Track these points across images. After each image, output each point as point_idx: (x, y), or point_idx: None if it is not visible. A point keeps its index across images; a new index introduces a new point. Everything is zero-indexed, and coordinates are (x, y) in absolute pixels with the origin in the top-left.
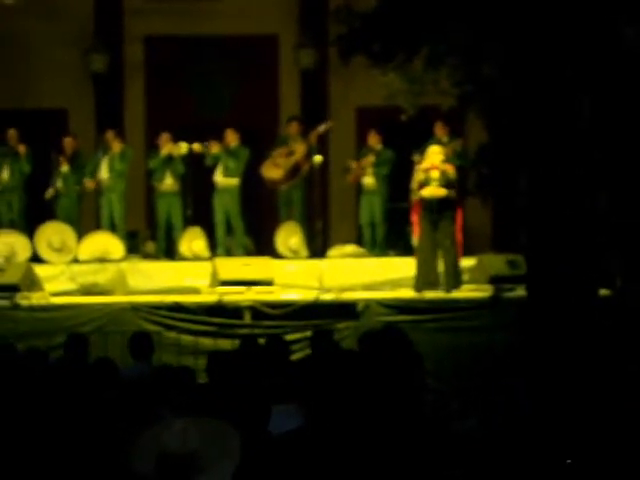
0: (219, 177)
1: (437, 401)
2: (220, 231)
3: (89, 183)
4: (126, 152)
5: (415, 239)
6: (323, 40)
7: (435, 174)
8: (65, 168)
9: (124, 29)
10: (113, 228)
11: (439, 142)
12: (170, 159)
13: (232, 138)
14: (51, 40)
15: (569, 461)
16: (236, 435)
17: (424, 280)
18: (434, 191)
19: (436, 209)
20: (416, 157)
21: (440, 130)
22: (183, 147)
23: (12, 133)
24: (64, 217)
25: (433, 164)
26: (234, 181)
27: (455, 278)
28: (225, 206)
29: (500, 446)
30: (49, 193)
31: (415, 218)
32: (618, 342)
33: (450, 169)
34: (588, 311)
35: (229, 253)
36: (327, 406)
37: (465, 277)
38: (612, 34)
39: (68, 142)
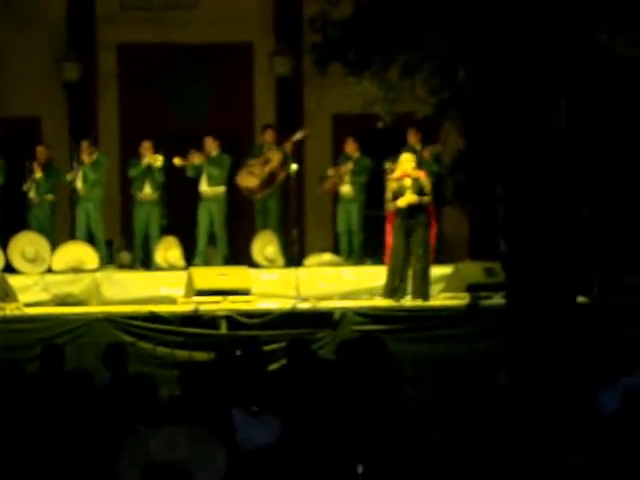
0: (204, 187)
1: (416, 411)
2: (202, 241)
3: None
4: (99, 161)
5: (388, 249)
6: (298, 48)
7: (408, 182)
8: (39, 174)
9: (97, 37)
10: (89, 237)
11: (412, 149)
12: (150, 169)
13: (212, 146)
14: (24, 49)
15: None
16: (221, 445)
17: (392, 287)
18: (409, 199)
19: (409, 215)
20: (388, 165)
21: (413, 137)
22: (159, 160)
23: None
24: (38, 227)
25: (405, 172)
26: (220, 189)
27: (422, 288)
28: (211, 215)
29: (479, 459)
30: (27, 186)
31: (389, 228)
32: (595, 348)
33: (422, 176)
34: (567, 318)
35: (207, 263)
36: (305, 415)
37: (442, 285)
38: (587, 38)
39: (41, 151)
